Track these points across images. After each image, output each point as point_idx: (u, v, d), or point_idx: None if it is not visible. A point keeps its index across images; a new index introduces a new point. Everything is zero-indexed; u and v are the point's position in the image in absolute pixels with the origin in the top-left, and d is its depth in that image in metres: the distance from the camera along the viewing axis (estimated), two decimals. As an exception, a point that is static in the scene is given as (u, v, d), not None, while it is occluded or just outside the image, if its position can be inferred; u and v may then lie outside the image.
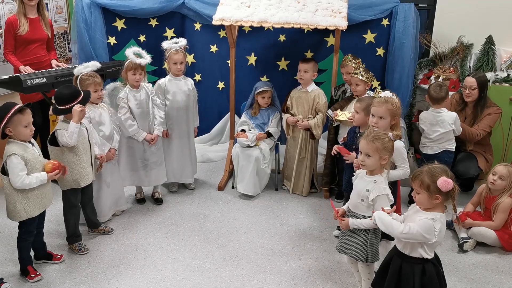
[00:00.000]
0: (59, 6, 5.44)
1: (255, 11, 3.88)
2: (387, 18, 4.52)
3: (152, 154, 3.88)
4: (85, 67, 3.44)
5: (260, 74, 4.96)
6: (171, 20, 4.97)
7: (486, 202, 3.51)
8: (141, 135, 3.77)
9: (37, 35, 4.30)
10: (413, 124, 4.77)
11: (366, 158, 2.52)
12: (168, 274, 3.08)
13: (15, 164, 2.73)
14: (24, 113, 2.78)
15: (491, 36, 4.51)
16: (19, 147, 2.78)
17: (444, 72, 4.59)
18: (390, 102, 2.87)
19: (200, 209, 3.96)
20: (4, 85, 3.83)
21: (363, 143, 2.53)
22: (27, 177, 2.76)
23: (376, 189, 2.51)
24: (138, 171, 3.91)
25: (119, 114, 3.70)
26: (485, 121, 3.98)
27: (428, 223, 2.22)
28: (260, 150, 4.12)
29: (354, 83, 3.73)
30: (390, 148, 2.53)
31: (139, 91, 3.76)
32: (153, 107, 3.86)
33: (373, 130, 2.69)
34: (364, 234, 2.58)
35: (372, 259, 2.63)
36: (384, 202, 2.48)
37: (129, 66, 3.68)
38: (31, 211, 2.86)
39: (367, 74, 3.70)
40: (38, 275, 3.00)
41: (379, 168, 2.55)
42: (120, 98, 3.70)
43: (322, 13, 3.84)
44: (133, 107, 3.72)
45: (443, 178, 2.17)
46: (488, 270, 3.19)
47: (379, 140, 2.49)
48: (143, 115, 3.77)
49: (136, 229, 3.63)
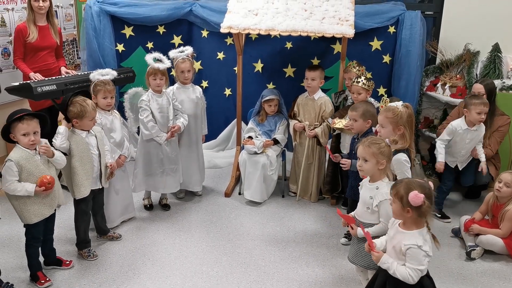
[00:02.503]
0: (68, 14, 5.50)
1: (263, 19, 3.91)
2: (393, 25, 4.54)
3: (169, 160, 3.91)
4: (100, 73, 3.50)
5: (266, 81, 4.98)
6: (178, 28, 5.02)
7: (493, 210, 3.51)
8: (163, 137, 3.80)
9: (46, 42, 4.35)
10: (419, 131, 4.78)
11: (363, 163, 2.60)
12: (176, 281, 3.10)
13: (6, 169, 2.77)
14: (23, 122, 2.77)
15: (497, 44, 4.51)
16: (19, 153, 2.80)
17: (450, 79, 4.59)
18: (390, 111, 2.88)
19: (207, 215, 3.98)
20: (15, 92, 3.88)
21: (360, 148, 2.61)
22: (14, 184, 2.76)
23: (378, 195, 2.55)
24: (155, 176, 3.92)
25: (141, 116, 3.74)
26: (496, 137, 3.96)
27: (416, 253, 2.18)
28: (267, 156, 4.14)
29: (356, 92, 3.71)
30: (387, 153, 2.58)
31: (161, 96, 3.80)
32: (175, 113, 3.90)
33: (371, 136, 2.73)
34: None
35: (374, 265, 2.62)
36: (388, 207, 2.49)
37: (149, 71, 3.73)
38: (29, 217, 2.87)
39: (368, 82, 3.71)
40: (48, 280, 3.03)
41: (378, 173, 2.60)
42: (142, 101, 3.75)
43: (329, 21, 3.86)
44: (154, 110, 3.76)
45: (415, 192, 2.14)
46: (495, 278, 3.19)
47: (375, 145, 2.56)
48: (163, 120, 3.81)
49: (144, 235, 3.65)
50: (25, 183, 2.79)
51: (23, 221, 2.90)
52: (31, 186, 2.80)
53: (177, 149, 3.98)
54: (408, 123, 2.90)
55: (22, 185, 2.78)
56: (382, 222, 2.57)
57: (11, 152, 2.83)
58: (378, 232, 2.56)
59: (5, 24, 4.67)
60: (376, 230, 2.58)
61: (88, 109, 3.13)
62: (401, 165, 2.80)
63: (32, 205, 2.86)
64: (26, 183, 2.79)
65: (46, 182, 2.82)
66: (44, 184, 2.81)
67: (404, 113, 2.88)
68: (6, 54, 4.71)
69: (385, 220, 2.54)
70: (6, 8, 4.66)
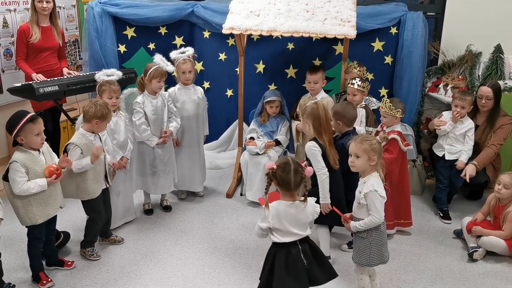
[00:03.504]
0: (70, 15, 5.52)
1: (265, 20, 3.91)
2: (395, 26, 4.54)
3: (161, 162, 3.90)
4: (105, 73, 3.51)
5: (268, 82, 4.99)
6: (180, 28, 5.02)
7: (495, 211, 3.50)
8: (153, 141, 3.80)
9: (49, 43, 4.36)
10: (421, 132, 4.77)
11: (355, 159, 2.68)
12: (178, 282, 3.10)
13: (14, 171, 2.77)
14: (36, 122, 2.82)
15: (499, 45, 4.50)
16: (24, 155, 2.81)
17: (452, 80, 4.59)
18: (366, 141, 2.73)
19: (209, 216, 3.98)
20: (17, 92, 3.88)
21: (352, 145, 2.69)
22: (26, 183, 2.78)
23: (365, 187, 2.64)
24: (146, 177, 3.93)
25: (134, 118, 3.73)
26: (499, 134, 3.93)
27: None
28: (269, 157, 4.14)
29: (351, 93, 3.74)
30: (378, 149, 2.67)
31: (156, 97, 3.80)
32: (169, 114, 3.89)
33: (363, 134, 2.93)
34: (365, 237, 2.69)
35: (366, 263, 2.72)
36: (374, 198, 2.60)
37: (155, 74, 3.69)
38: (34, 218, 2.88)
39: (363, 83, 3.72)
40: (50, 281, 3.03)
41: (369, 169, 2.68)
42: (136, 103, 3.74)
43: (331, 22, 3.86)
44: (148, 113, 3.76)
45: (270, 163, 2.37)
46: (497, 279, 3.18)
47: (367, 142, 2.65)
48: (157, 122, 3.81)
49: (146, 237, 3.65)
50: (36, 179, 2.82)
51: (28, 222, 2.89)
52: (43, 180, 2.84)
53: (170, 151, 3.97)
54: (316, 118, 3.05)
55: (34, 182, 2.81)
56: (371, 214, 2.63)
57: (14, 154, 2.83)
58: (369, 225, 2.64)
59: (7, 25, 4.68)
60: (366, 222, 2.65)
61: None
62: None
63: (37, 206, 2.87)
64: (37, 179, 2.82)
65: (54, 169, 2.86)
66: (53, 172, 2.86)
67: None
68: (8, 55, 4.72)
69: (373, 211, 2.61)
70: (8, 9, 4.68)
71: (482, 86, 3.97)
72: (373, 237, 2.68)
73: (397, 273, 3.23)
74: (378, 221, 2.62)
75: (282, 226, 2.37)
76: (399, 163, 3.54)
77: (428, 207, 4.21)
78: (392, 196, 3.56)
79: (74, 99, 4.50)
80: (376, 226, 2.66)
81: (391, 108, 3.44)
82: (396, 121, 3.50)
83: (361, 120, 3.77)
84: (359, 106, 3.76)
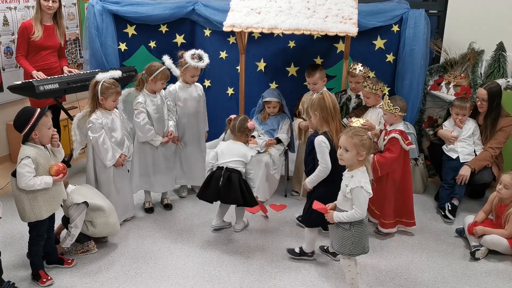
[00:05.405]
0: (71, 13, 5.51)
1: (266, 17, 3.89)
2: (397, 24, 4.51)
3: (165, 159, 3.90)
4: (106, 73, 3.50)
5: (269, 80, 4.96)
6: (181, 27, 5.00)
7: (498, 210, 3.49)
8: (158, 140, 3.80)
9: (50, 42, 4.36)
10: (423, 131, 4.75)
11: (344, 152, 2.69)
12: (179, 280, 3.08)
13: (24, 166, 2.78)
14: (48, 115, 2.90)
15: (502, 43, 4.48)
16: (34, 150, 2.84)
17: (454, 78, 4.56)
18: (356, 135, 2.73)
19: (210, 214, 3.96)
20: (17, 90, 3.88)
21: (342, 138, 2.70)
22: (32, 179, 2.80)
23: (352, 182, 2.64)
24: (150, 176, 3.92)
25: (137, 119, 3.71)
26: (499, 137, 3.95)
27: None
28: (270, 155, 4.12)
29: (365, 95, 3.84)
30: (368, 145, 2.67)
31: (156, 96, 3.79)
32: (168, 112, 3.89)
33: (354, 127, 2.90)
34: (348, 229, 2.70)
35: (349, 252, 2.74)
36: (359, 194, 2.61)
37: (162, 76, 3.68)
38: (39, 213, 2.89)
39: (376, 85, 3.72)
40: (50, 279, 3.02)
41: (357, 164, 2.68)
42: (139, 103, 3.71)
43: (332, 19, 3.84)
44: (151, 112, 3.75)
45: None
46: (500, 278, 3.16)
47: (357, 136, 2.65)
48: (160, 120, 3.81)
49: (146, 235, 3.64)
50: (43, 176, 2.85)
51: (32, 218, 2.89)
52: (49, 177, 2.87)
53: (173, 147, 3.99)
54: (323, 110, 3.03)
55: (40, 179, 2.83)
56: (354, 209, 2.64)
57: (24, 150, 2.84)
58: (351, 218, 2.66)
59: (7, 23, 4.67)
60: (349, 215, 2.67)
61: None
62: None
63: (43, 201, 2.89)
64: (44, 176, 2.85)
65: (62, 168, 2.90)
66: (60, 171, 2.89)
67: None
68: (8, 53, 4.71)
69: (357, 206, 2.63)
70: (9, 7, 4.67)
71: (480, 87, 4.04)
72: (356, 229, 2.71)
73: (399, 272, 3.21)
74: (360, 216, 2.65)
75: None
76: (401, 162, 3.52)
77: (430, 205, 4.19)
78: (394, 195, 3.56)
79: (74, 97, 4.50)
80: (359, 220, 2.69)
81: (390, 105, 3.43)
82: (396, 118, 3.48)
83: (380, 121, 3.79)
84: (376, 107, 3.84)
